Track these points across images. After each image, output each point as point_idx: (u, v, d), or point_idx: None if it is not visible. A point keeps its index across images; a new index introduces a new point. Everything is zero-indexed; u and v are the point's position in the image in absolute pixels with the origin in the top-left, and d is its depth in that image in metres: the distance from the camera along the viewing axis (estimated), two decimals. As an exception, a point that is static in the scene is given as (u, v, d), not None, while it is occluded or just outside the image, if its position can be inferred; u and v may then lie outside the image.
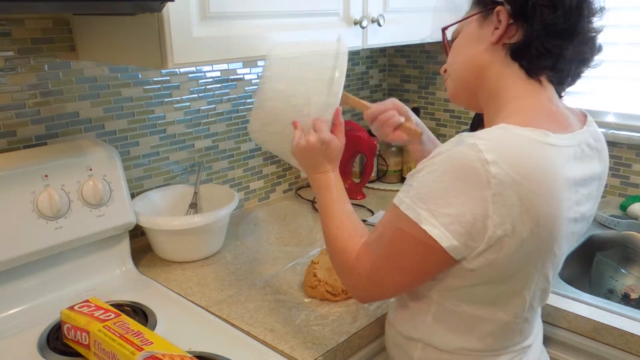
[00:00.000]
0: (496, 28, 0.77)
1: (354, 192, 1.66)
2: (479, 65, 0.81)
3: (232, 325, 0.99)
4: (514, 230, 0.69)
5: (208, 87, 1.41)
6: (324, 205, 0.90)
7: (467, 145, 0.68)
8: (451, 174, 0.69)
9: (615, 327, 1.03)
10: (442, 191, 0.69)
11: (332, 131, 0.91)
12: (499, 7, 0.77)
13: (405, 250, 0.74)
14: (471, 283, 0.75)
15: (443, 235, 0.69)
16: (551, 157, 0.71)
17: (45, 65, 1.11)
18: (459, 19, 0.86)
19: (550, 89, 0.79)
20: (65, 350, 0.90)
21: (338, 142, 0.91)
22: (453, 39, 0.88)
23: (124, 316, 0.88)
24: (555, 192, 0.71)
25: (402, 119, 1.03)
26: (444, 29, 0.91)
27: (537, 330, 0.92)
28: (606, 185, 0.85)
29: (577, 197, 0.76)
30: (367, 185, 1.74)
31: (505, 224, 0.68)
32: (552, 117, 0.76)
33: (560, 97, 0.81)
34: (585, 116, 0.84)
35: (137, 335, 0.82)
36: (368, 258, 0.79)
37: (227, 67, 1.44)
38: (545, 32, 0.74)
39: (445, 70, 0.91)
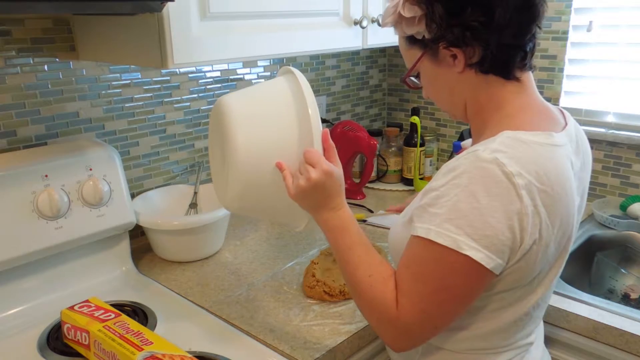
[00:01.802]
0: (454, 57, 0.74)
1: (354, 192, 1.66)
2: (458, 91, 0.79)
3: (232, 325, 0.99)
4: (541, 236, 0.69)
5: (208, 87, 1.41)
6: (344, 250, 0.79)
7: (488, 160, 0.67)
8: (481, 192, 0.66)
9: (615, 327, 1.03)
10: (476, 212, 0.66)
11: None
12: (441, 45, 0.74)
13: (451, 281, 0.69)
14: (494, 291, 0.74)
15: (487, 257, 0.66)
16: (561, 158, 0.72)
17: (45, 65, 1.11)
18: (410, 67, 0.81)
19: (529, 81, 0.78)
20: (65, 350, 0.90)
21: (339, 170, 0.81)
22: (417, 75, 0.83)
23: (124, 316, 0.88)
24: (570, 193, 0.72)
25: None
26: (403, 81, 0.85)
27: (540, 328, 0.92)
28: (606, 185, 0.85)
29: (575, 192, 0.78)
30: (367, 185, 1.74)
31: (534, 234, 0.68)
32: (543, 116, 0.77)
33: (531, 69, 0.78)
34: (562, 111, 0.84)
35: (137, 335, 0.82)
36: (412, 303, 0.72)
37: (227, 67, 1.44)
38: (496, 35, 0.71)
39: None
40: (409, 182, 1.76)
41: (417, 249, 0.71)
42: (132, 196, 1.27)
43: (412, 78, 0.84)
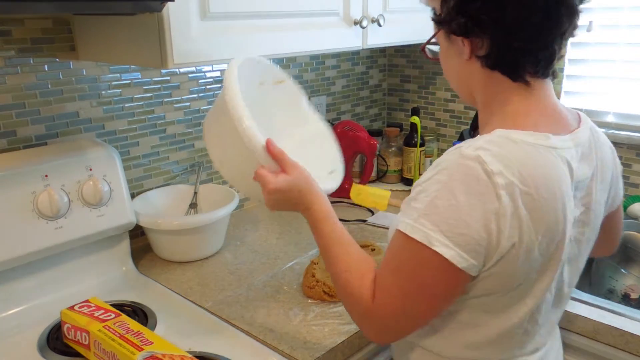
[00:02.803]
0: (463, 43, 0.74)
1: (354, 192, 1.66)
2: (463, 77, 0.78)
3: (232, 325, 0.99)
4: (522, 240, 0.67)
5: (208, 87, 1.41)
6: (322, 247, 0.81)
7: (471, 157, 0.66)
8: (460, 189, 0.65)
9: (615, 327, 1.03)
10: (454, 210, 0.65)
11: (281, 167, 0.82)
12: (444, 29, 0.74)
13: (424, 278, 0.69)
14: (473, 294, 0.73)
15: (458, 256, 0.65)
16: (554, 161, 0.69)
17: (45, 65, 1.11)
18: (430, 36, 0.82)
19: (542, 87, 0.74)
20: (65, 350, 0.90)
21: (290, 177, 0.81)
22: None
23: (124, 316, 0.88)
24: (561, 198, 0.69)
25: None
26: (422, 49, 0.87)
27: (554, 350, 0.88)
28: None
29: (576, 201, 0.74)
30: (367, 185, 1.74)
31: (513, 237, 0.66)
32: (549, 118, 0.74)
33: (547, 76, 0.75)
34: (580, 115, 0.81)
35: (137, 335, 0.82)
36: (387, 297, 0.72)
37: (227, 67, 1.43)
38: (505, 34, 0.70)
39: None
40: (409, 182, 1.76)
41: (397, 243, 0.72)
42: (132, 196, 1.27)
43: (432, 48, 0.85)
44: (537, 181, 0.66)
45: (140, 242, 1.31)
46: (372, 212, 1.54)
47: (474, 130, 1.54)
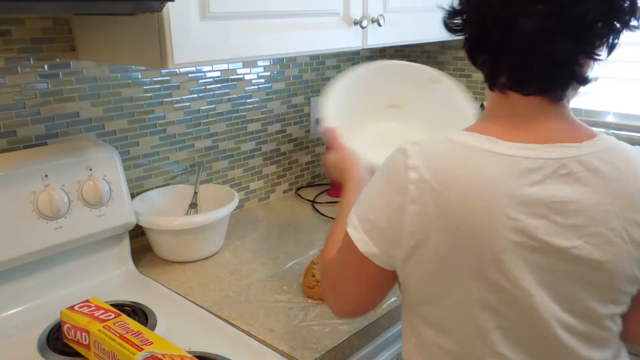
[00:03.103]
0: None
1: (354, 192, 1.66)
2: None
3: (232, 325, 0.99)
4: (427, 241, 0.64)
5: (208, 87, 1.41)
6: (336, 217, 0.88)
7: (399, 149, 0.68)
8: (379, 178, 0.69)
9: (615, 327, 1.02)
10: (369, 195, 0.70)
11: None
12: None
13: (345, 259, 0.74)
14: (407, 301, 0.73)
15: (362, 241, 0.68)
16: (488, 167, 0.63)
17: (45, 65, 1.11)
18: None
19: (528, 101, 0.67)
20: (65, 350, 0.90)
21: (331, 158, 0.99)
22: None
23: (124, 316, 0.88)
24: (487, 207, 0.61)
25: None
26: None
27: None
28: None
29: (540, 222, 0.62)
30: (367, 185, 1.74)
31: (417, 234, 0.64)
32: (518, 125, 0.67)
33: (560, 100, 0.68)
34: (594, 134, 0.69)
35: (137, 335, 0.82)
36: (326, 270, 0.79)
37: (227, 67, 1.44)
38: (470, 45, 0.69)
39: None
40: (409, 182, 1.75)
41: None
42: (132, 196, 1.27)
43: None
44: (456, 183, 0.62)
45: (140, 242, 1.31)
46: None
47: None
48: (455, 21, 0.70)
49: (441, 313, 0.69)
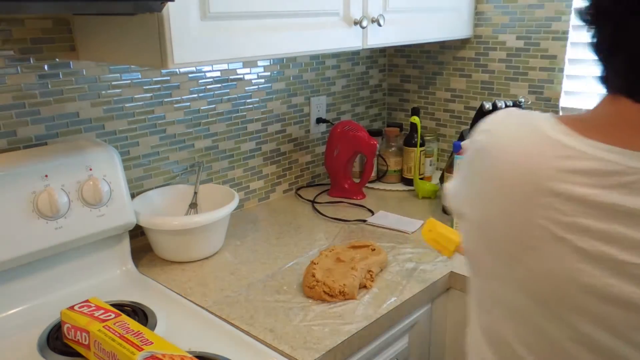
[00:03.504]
0: None
1: (354, 192, 1.66)
2: None
3: (232, 325, 0.99)
4: (470, 210, 0.66)
5: (208, 87, 1.41)
6: None
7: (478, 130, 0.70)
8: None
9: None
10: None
11: None
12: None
13: None
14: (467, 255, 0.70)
15: (452, 205, 0.73)
16: (541, 153, 0.59)
17: (45, 65, 1.11)
18: None
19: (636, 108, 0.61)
20: (65, 350, 0.90)
21: None
22: None
23: (124, 316, 0.88)
24: (526, 186, 0.57)
25: None
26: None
27: None
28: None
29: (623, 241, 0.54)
30: (367, 185, 1.74)
31: (465, 203, 0.68)
32: (614, 128, 0.62)
33: None
34: None
35: (137, 335, 0.82)
36: None
37: (227, 67, 1.44)
38: (590, 42, 0.66)
39: None
40: (409, 182, 1.76)
41: None
42: (132, 196, 1.27)
43: None
44: (501, 157, 0.61)
45: (140, 242, 1.31)
46: (372, 212, 1.54)
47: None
48: (585, 17, 0.64)
49: (484, 292, 0.70)
